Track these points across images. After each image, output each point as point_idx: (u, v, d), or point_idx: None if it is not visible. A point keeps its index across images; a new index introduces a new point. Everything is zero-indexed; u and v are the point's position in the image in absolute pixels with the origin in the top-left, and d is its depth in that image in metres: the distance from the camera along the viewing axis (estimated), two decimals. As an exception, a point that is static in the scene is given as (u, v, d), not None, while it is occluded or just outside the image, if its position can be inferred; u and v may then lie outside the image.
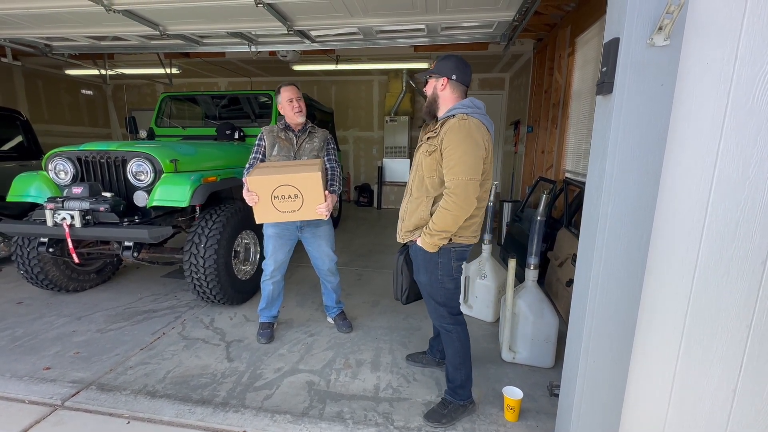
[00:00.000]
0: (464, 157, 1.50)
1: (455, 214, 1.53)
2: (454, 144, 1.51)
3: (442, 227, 1.57)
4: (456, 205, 1.52)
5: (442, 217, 1.56)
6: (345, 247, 4.75)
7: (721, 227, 1.25)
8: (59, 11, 3.09)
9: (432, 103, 1.70)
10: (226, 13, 3.18)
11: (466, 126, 1.52)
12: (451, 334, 1.77)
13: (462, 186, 1.51)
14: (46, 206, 2.51)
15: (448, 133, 1.53)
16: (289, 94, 2.29)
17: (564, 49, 3.99)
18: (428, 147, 1.62)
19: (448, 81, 1.64)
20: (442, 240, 1.61)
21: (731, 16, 1.13)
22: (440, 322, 1.79)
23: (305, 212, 2.12)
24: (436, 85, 1.67)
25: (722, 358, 1.34)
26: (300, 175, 2.04)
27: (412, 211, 1.70)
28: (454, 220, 1.55)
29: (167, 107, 4.49)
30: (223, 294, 2.77)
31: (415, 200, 1.69)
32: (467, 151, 1.50)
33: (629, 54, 1.17)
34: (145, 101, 8.59)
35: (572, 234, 2.95)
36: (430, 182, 1.63)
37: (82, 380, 2.07)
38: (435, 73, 1.66)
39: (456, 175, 1.51)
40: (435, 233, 1.58)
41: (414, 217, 1.69)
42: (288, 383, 2.08)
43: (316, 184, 2.06)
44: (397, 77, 7.33)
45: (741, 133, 1.19)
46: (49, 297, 3.14)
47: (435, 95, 1.68)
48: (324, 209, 2.12)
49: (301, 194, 2.07)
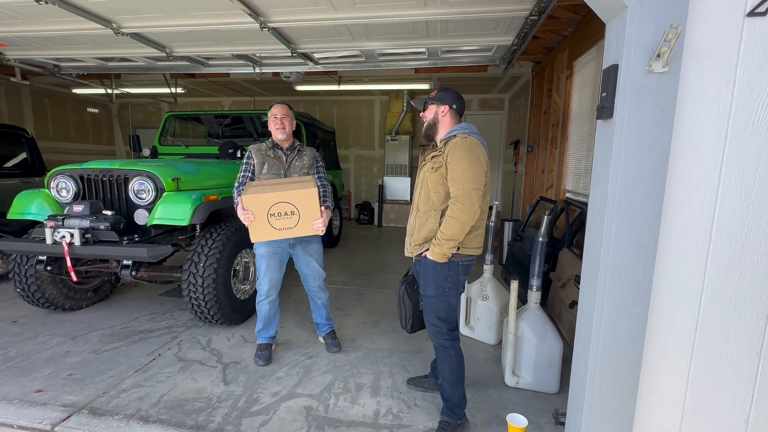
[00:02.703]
0: (468, 169, 1.63)
1: (462, 221, 1.63)
2: (458, 159, 1.65)
3: (450, 235, 1.66)
4: (462, 212, 1.63)
5: (449, 225, 1.66)
6: (345, 266, 4.71)
7: (726, 251, 1.24)
8: (69, 34, 3.17)
9: (432, 126, 1.84)
10: (231, 36, 3.27)
11: (467, 143, 1.68)
12: (449, 350, 1.82)
13: (467, 194, 1.62)
14: (46, 224, 2.51)
15: (452, 149, 1.68)
16: (274, 110, 2.33)
17: (562, 72, 4.07)
18: (433, 164, 1.76)
19: (449, 109, 1.80)
20: (451, 249, 1.70)
21: (728, 43, 1.15)
22: (438, 338, 1.83)
23: (301, 229, 2.12)
24: (437, 111, 1.82)
25: (733, 386, 1.30)
26: (297, 192, 2.05)
27: (421, 225, 1.80)
28: (461, 227, 1.64)
29: (171, 126, 4.54)
30: (221, 314, 2.73)
31: (423, 215, 1.79)
32: (470, 164, 1.64)
33: (628, 80, 1.18)
34: (150, 120, 8.72)
35: (574, 255, 2.93)
36: (437, 197, 1.74)
37: (73, 404, 2.01)
38: (437, 101, 1.81)
39: (461, 185, 1.64)
40: (444, 242, 1.68)
41: (423, 231, 1.78)
42: (285, 408, 2.02)
43: (312, 200, 2.08)
44: (398, 97, 7.45)
45: (742, 157, 1.19)
46: (45, 316, 3.09)
47: (436, 119, 1.83)
48: (321, 225, 2.15)
49: (297, 211, 2.08)
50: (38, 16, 2.89)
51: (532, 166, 5.13)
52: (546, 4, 2.43)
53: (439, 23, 2.88)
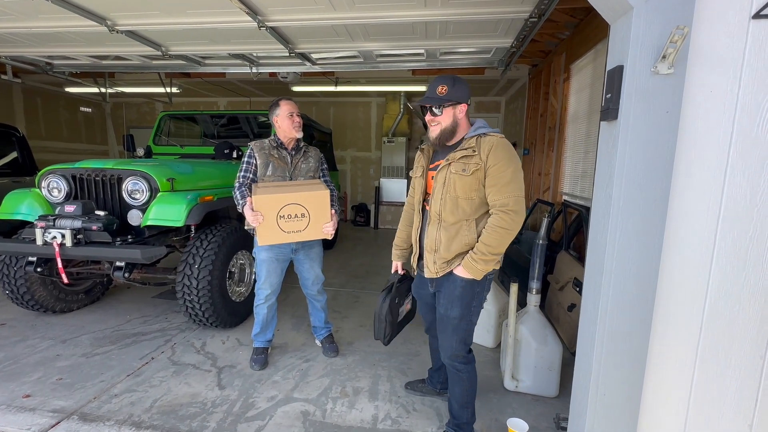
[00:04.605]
0: (516, 173, 1.47)
1: (514, 232, 1.47)
2: (505, 161, 1.46)
3: (498, 249, 1.48)
4: (515, 222, 1.46)
5: (499, 238, 1.46)
6: (342, 268, 4.67)
7: (731, 254, 1.22)
8: (62, 31, 3.11)
9: (451, 132, 1.57)
10: (228, 35, 3.23)
11: (507, 145, 1.49)
12: (461, 374, 1.68)
13: (519, 202, 1.47)
14: (37, 224, 2.45)
15: (494, 151, 1.46)
16: (290, 108, 2.19)
17: (559, 75, 4.08)
18: (465, 166, 1.50)
19: (466, 108, 1.57)
20: (496, 264, 1.53)
21: (733, 45, 1.14)
22: (453, 361, 1.67)
23: (310, 232, 2.08)
24: (454, 113, 1.55)
25: (737, 390, 1.29)
26: (309, 194, 2.02)
27: (450, 238, 1.55)
28: (509, 240, 1.48)
29: (166, 126, 4.48)
30: (216, 316, 2.68)
31: (453, 226, 1.54)
32: (517, 169, 1.48)
33: (634, 81, 1.17)
34: (145, 119, 8.62)
35: (572, 257, 2.93)
36: (469, 204, 1.52)
37: (63, 409, 1.96)
38: (453, 101, 1.53)
39: (512, 191, 1.46)
40: (490, 257, 1.48)
41: (455, 244, 1.54)
42: (282, 413, 1.98)
43: (324, 202, 2.05)
44: (395, 99, 7.44)
45: (747, 160, 1.18)
46: (34, 318, 3.02)
47: (455, 122, 1.56)
48: (330, 228, 2.11)
49: (308, 213, 2.04)
50: (31, 13, 2.83)
51: (529, 168, 5.13)
52: (546, 6, 2.43)
53: (439, 24, 2.87)
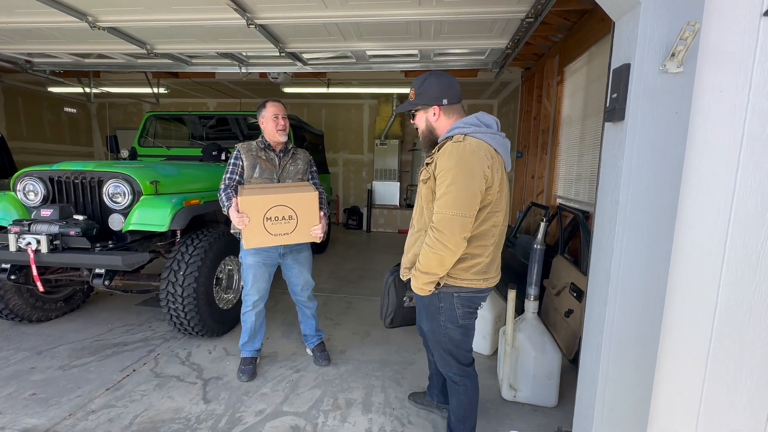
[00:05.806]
0: (452, 186, 1.27)
1: (439, 254, 1.30)
2: (444, 170, 1.28)
3: (425, 268, 1.35)
4: (439, 243, 1.29)
5: (425, 256, 1.34)
6: (333, 273, 4.57)
7: (742, 260, 1.18)
8: (41, 27, 2.98)
9: (429, 135, 1.47)
10: (216, 33, 3.13)
11: (459, 149, 1.28)
12: (458, 386, 1.58)
13: (446, 221, 1.27)
14: (11, 229, 2.31)
15: (440, 157, 1.32)
16: (276, 109, 2.14)
17: (552, 78, 4.06)
18: (425, 174, 1.41)
19: (440, 109, 1.41)
20: (429, 284, 1.37)
21: (744, 44, 1.10)
22: (447, 371, 1.60)
23: (298, 235, 2.02)
24: (427, 117, 1.44)
25: (749, 403, 1.24)
26: (297, 195, 1.96)
27: (410, 245, 1.52)
28: (438, 261, 1.32)
29: (152, 126, 4.35)
30: (202, 325, 2.57)
31: (415, 234, 1.51)
32: (457, 180, 1.26)
33: (641, 80, 1.12)
34: (131, 120, 8.42)
35: (568, 261, 2.88)
36: (428, 214, 1.41)
37: (35, 428, 1.83)
38: (421, 104, 1.43)
39: (441, 207, 1.29)
40: (420, 274, 1.37)
41: (410, 253, 1.50)
42: (270, 428, 1.88)
43: (312, 205, 2.00)
44: (387, 101, 7.39)
45: (758, 163, 1.13)
46: (9, 328, 2.86)
47: (430, 127, 1.46)
48: (319, 231, 2.05)
49: (296, 215, 1.98)
50: (6, 7, 2.69)
51: (522, 171, 5.11)
52: (543, 6, 2.39)
53: (433, 24, 2.82)
